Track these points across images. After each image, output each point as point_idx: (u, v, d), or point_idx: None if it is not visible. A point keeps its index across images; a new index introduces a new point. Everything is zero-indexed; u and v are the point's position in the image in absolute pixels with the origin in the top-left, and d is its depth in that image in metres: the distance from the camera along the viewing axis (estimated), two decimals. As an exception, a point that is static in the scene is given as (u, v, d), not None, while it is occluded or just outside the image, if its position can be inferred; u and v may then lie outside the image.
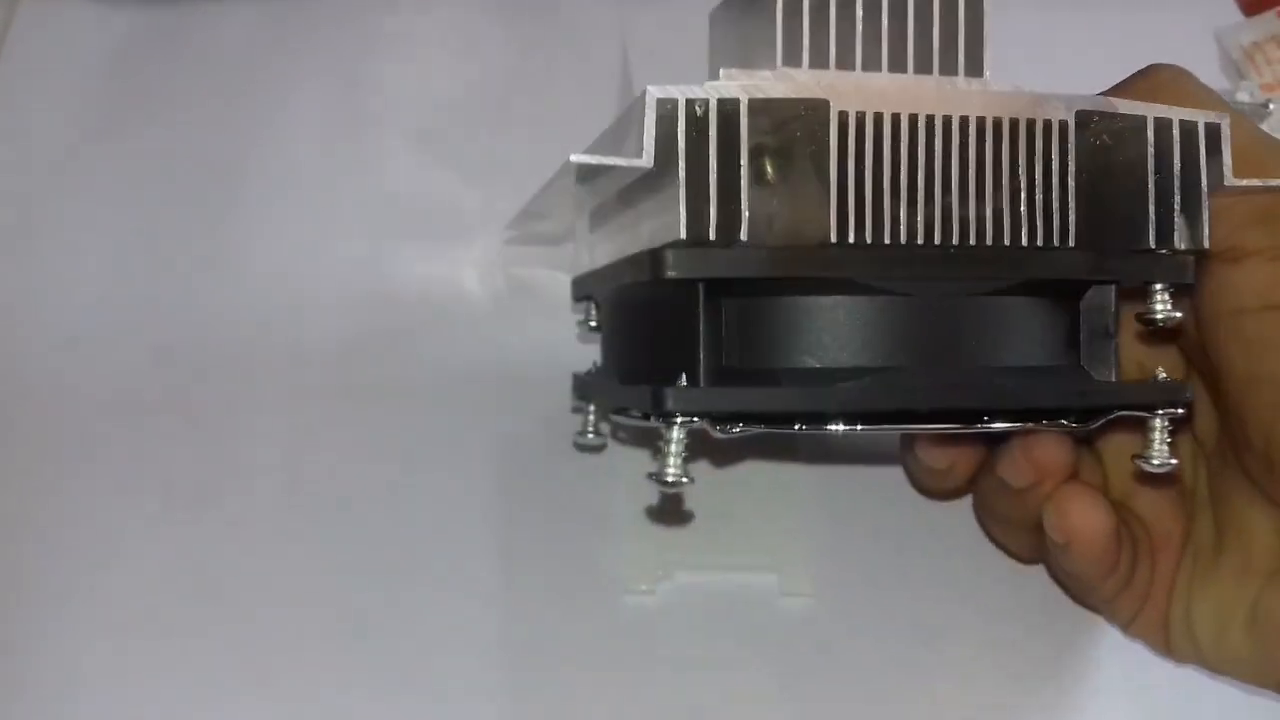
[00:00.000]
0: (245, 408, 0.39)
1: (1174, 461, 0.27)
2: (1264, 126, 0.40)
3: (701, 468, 0.37)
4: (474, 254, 0.41)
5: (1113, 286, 0.27)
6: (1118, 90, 0.28)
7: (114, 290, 0.40)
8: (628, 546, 0.36)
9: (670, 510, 0.35)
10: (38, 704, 0.34)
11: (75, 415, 0.38)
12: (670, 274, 0.24)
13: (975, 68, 0.26)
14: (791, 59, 0.25)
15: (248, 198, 0.42)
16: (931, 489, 0.35)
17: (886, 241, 0.24)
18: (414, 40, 0.46)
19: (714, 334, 0.25)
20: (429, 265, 0.41)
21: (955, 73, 0.25)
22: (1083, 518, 0.29)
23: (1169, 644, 0.31)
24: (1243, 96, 0.42)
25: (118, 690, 0.34)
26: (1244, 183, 0.25)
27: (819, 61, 0.25)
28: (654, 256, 0.24)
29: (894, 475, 0.37)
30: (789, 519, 0.37)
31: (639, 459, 0.37)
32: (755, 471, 0.37)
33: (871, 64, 0.25)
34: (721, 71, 0.24)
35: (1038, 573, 0.35)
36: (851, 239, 0.24)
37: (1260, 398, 0.26)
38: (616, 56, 0.45)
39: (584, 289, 0.35)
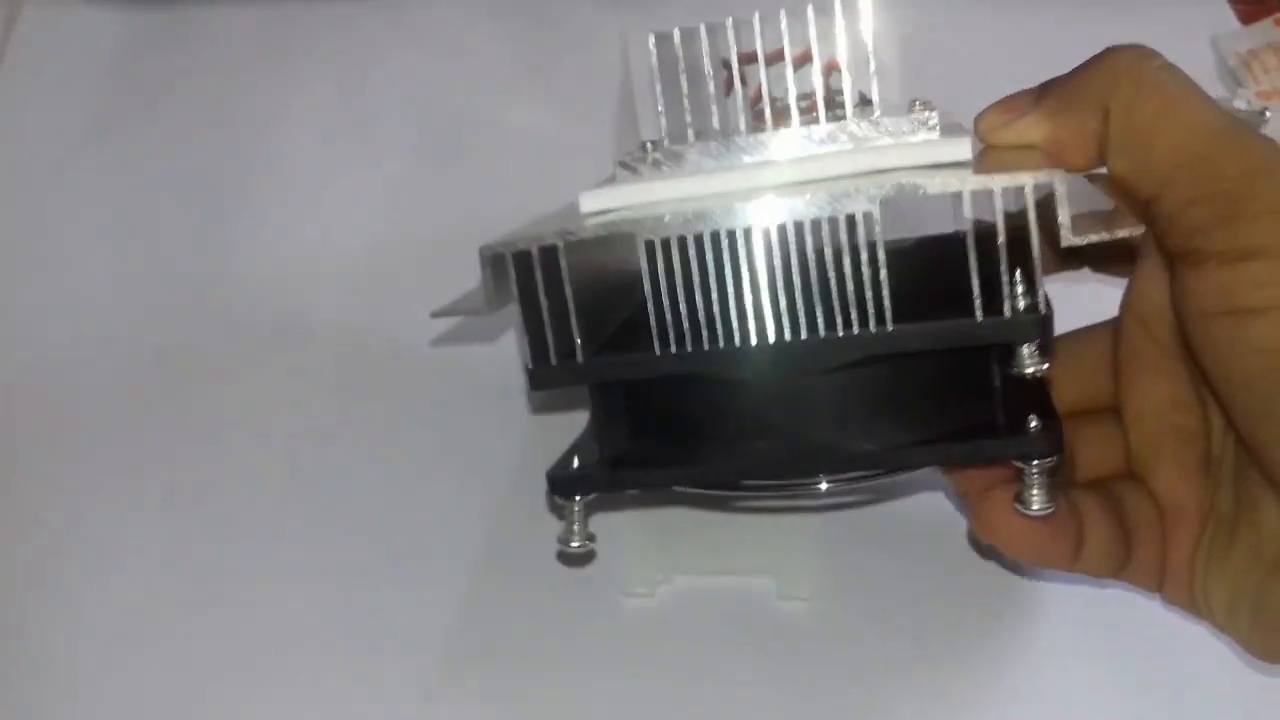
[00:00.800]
0: (246, 407, 0.39)
1: (1051, 508, 0.27)
2: (1263, 133, 0.40)
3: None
4: (474, 261, 0.41)
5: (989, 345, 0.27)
6: (1073, 76, 0.28)
7: (115, 290, 0.41)
8: (627, 551, 0.36)
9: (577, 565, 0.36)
10: (39, 700, 0.35)
11: (77, 413, 0.39)
12: (535, 388, 0.27)
13: (865, 104, 0.27)
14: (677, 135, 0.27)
15: (248, 198, 0.42)
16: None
17: (705, 348, 0.26)
18: (414, 42, 0.46)
19: (604, 423, 0.29)
20: (429, 266, 0.41)
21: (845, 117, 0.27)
22: (1002, 524, 0.29)
23: (1200, 614, 0.31)
24: (1239, 104, 0.42)
25: (117, 686, 0.35)
26: (1086, 239, 0.25)
27: (703, 132, 0.27)
28: (528, 374, 0.27)
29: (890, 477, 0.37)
30: (785, 523, 0.37)
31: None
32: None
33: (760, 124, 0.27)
34: (580, 197, 0.27)
35: (1035, 577, 0.35)
36: (673, 350, 0.26)
37: (1235, 401, 0.26)
38: (617, 58, 0.45)
39: None
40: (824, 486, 0.29)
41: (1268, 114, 0.42)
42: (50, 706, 0.34)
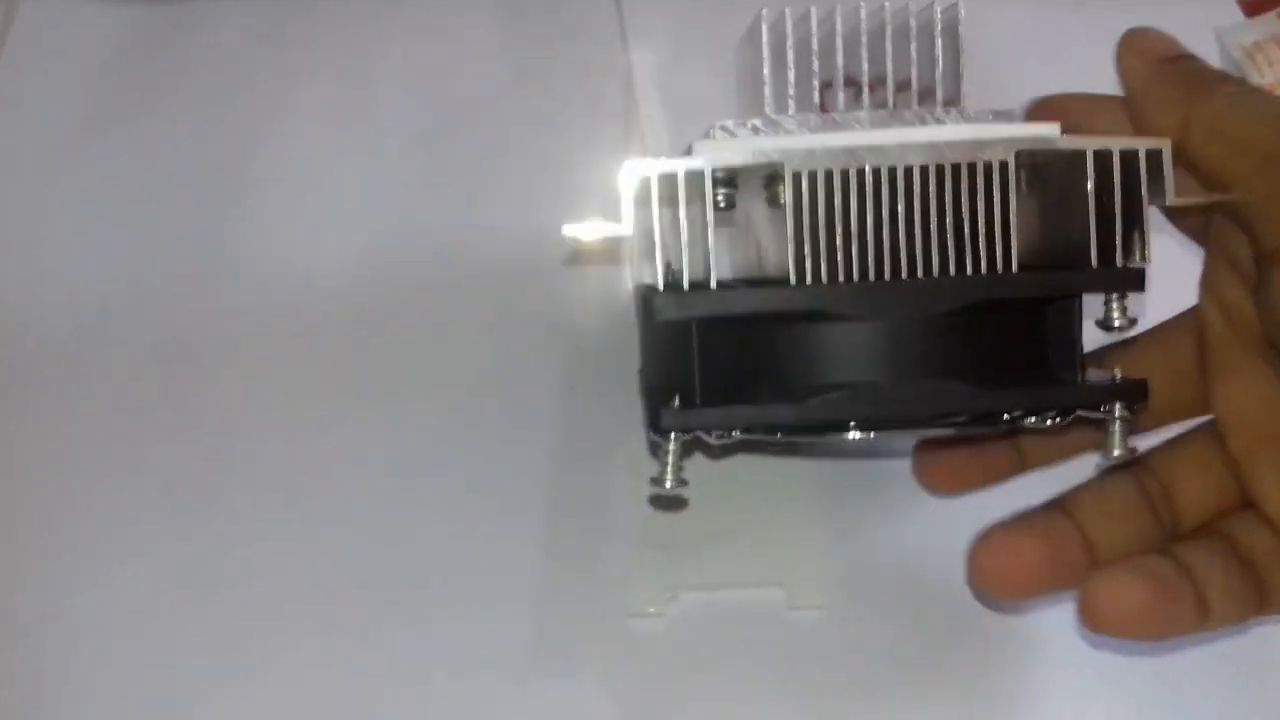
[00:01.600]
0: (245, 404, 0.39)
1: (1134, 448, 0.28)
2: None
3: (705, 485, 0.36)
4: (477, 255, 0.41)
5: (1075, 298, 0.29)
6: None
7: (114, 287, 0.40)
8: (633, 569, 0.36)
9: (669, 506, 0.36)
10: (34, 696, 0.34)
11: (76, 410, 0.38)
12: (658, 318, 0.27)
13: (953, 99, 0.29)
14: (780, 106, 0.29)
15: (248, 195, 0.42)
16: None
17: (840, 280, 0.27)
18: (414, 36, 0.45)
19: (707, 360, 0.29)
20: (431, 259, 0.41)
21: (934, 104, 0.28)
22: (1116, 605, 0.29)
23: None
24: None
25: (116, 685, 0.34)
26: (1184, 202, 0.28)
27: (804, 105, 0.29)
28: (646, 302, 0.28)
29: (899, 483, 0.36)
30: (794, 532, 0.36)
31: (640, 482, 0.37)
32: (759, 485, 0.37)
33: (853, 105, 0.29)
34: (694, 146, 0.28)
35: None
36: (809, 280, 0.27)
37: None
38: (619, 52, 0.44)
39: None
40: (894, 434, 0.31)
41: (1274, 106, 0.42)
42: (46, 703, 0.34)
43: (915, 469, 0.35)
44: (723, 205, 0.28)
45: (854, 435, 0.29)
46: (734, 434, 0.29)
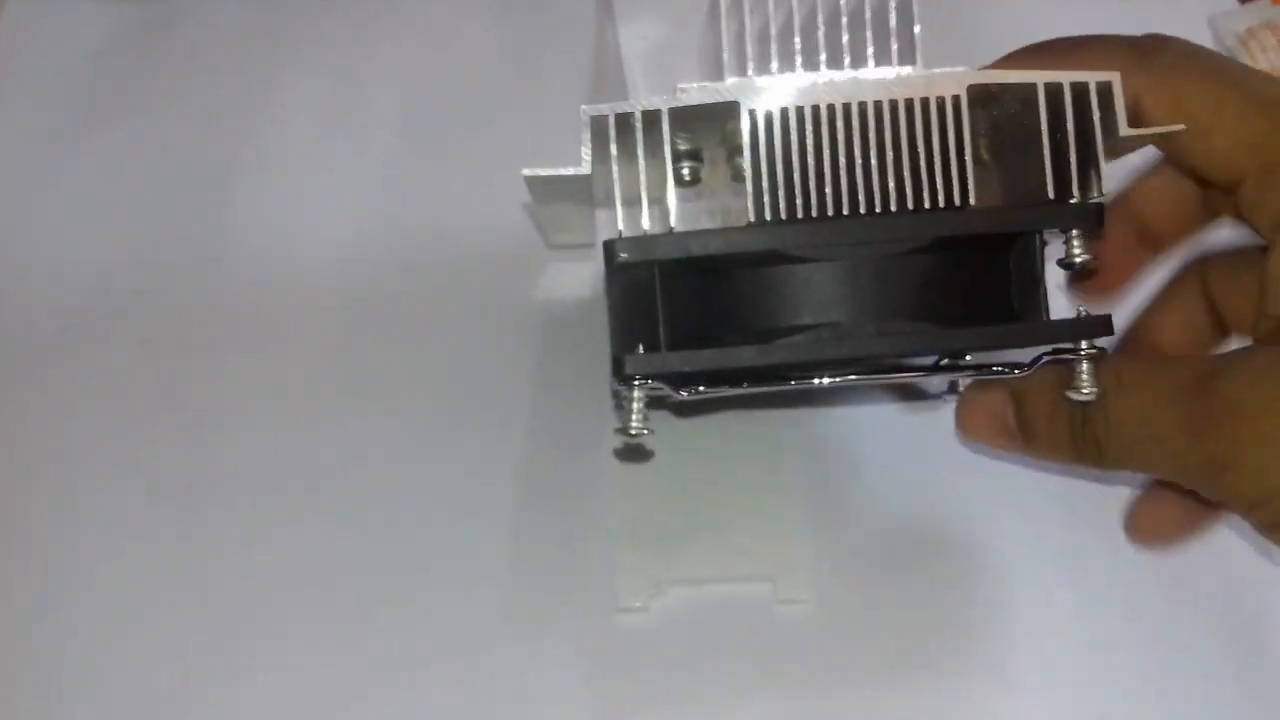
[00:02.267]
0: (235, 401, 0.38)
1: (1099, 389, 0.28)
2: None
3: (692, 479, 0.36)
4: (467, 249, 0.40)
5: (1035, 236, 0.29)
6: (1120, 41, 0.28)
7: (104, 282, 0.40)
8: (618, 564, 0.35)
9: (634, 456, 0.37)
10: (25, 696, 0.34)
11: (65, 406, 0.38)
12: (615, 260, 0.27)
13: (908, 58, 0.29)
14: (736, 69, 0.29)
15: (238, 190, 0.42)
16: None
17: (800, 217, 0.27)
18: (404, 32, 0.45)
19: (671, 308, 0.29)
20: (422, 256, 0.40)
21: (890, 64, 0.28)
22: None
23: None
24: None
25: (107, 682, 0.34)
26: (1137, 132, 0.27)
27: (763, 68, 0.29)
28: (606, 246, 0.28)
29: (887, 476, 0.36)
30: (781, 526, 0.36)
31: (627, 475, 0.37)
32: (747, 479, 0.37)
33: (811, 66, 0.29)
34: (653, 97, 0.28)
35: (1040, 575, 0.35)
36: (768, 218, 0.27)
37: None
38: (610, 46, 0.44)
39: None
40: (853, 378, 0.31)
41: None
42: (36, 702, 0.34)
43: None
44: (688, 179, 0.28)
45: (821, 382, 0.30)
46: (700, 388, 0.30)
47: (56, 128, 0.43)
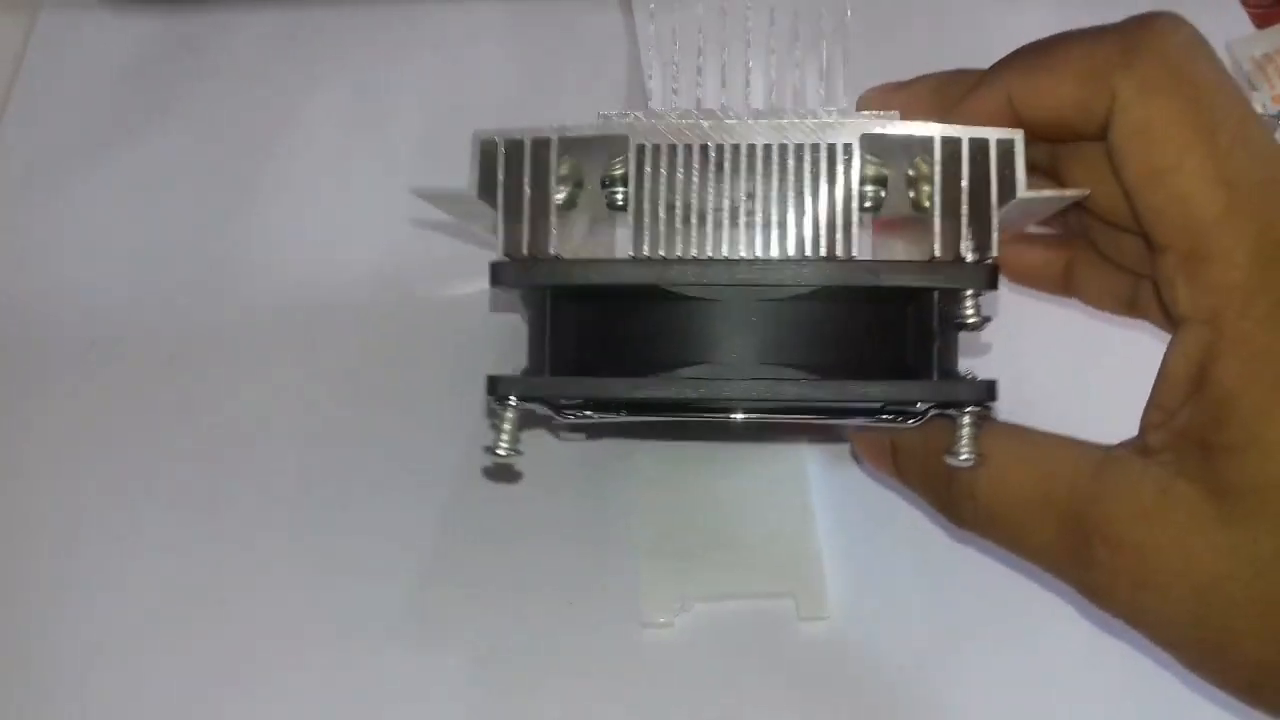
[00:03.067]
0: (256, 407, 0.39)
1: (979, 454, 0.27)
2: (1277, 137, 0.40)
3: (715, 497, 0.37)
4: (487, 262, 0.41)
5: (932, 292, 0.27)
6: (1108, 34, 0.26)
7: (130, 295, 0.41)
8: (642, 580, 0.36)
9: (502, 476, 0.37)
10: (46, 700, 0.35)
11: (91, 417, 0.39)
12: (493, 284, 0.28)
13: (834, 101, 0.28)
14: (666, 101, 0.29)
15: (262, 204, 0.42)
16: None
17: (679, 255, 0.27)
18: (426, 49, 0.45)
19: (559, 335, 0.29)
20: (443, 269, 0.41)
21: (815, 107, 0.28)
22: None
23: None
24: (1254, 108, 0.42)
25: (124, 686, 0.35)
26: (1035, 195, 0.26)
27: (688, 102, 0.29)
28: (491, 268, 0.28)
29: (908, 496, 0.37)
30: (803, 543, 0.36)
31: (652, 494, 0.37)
32: (766, 496, 0.37)
33: (738, 112, 0.28)
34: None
35: (1058, 592, 0.35)
36: (646, 251, 0.27)
37: None
38: (625, 59, 0.44)
39: None
40: (739, 418, 0.31)
41: (1283, 118, 0.42)
42: (57, 706, 0.34)
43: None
44: (561, 203, 0.27)
45: (736, 418, 0.30)
46: (585, 413, 0.30)
47: (85, 143, 0.44)
